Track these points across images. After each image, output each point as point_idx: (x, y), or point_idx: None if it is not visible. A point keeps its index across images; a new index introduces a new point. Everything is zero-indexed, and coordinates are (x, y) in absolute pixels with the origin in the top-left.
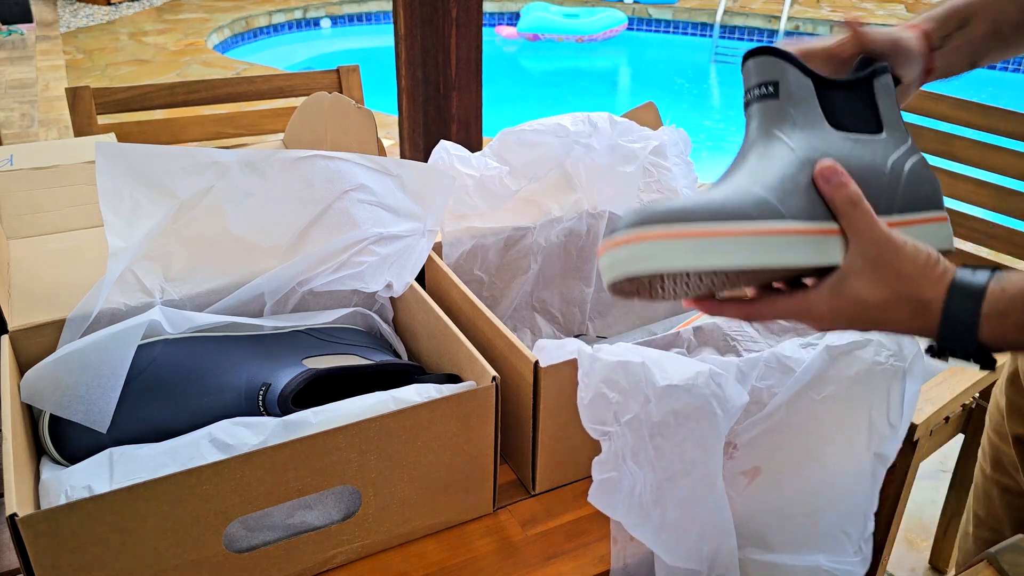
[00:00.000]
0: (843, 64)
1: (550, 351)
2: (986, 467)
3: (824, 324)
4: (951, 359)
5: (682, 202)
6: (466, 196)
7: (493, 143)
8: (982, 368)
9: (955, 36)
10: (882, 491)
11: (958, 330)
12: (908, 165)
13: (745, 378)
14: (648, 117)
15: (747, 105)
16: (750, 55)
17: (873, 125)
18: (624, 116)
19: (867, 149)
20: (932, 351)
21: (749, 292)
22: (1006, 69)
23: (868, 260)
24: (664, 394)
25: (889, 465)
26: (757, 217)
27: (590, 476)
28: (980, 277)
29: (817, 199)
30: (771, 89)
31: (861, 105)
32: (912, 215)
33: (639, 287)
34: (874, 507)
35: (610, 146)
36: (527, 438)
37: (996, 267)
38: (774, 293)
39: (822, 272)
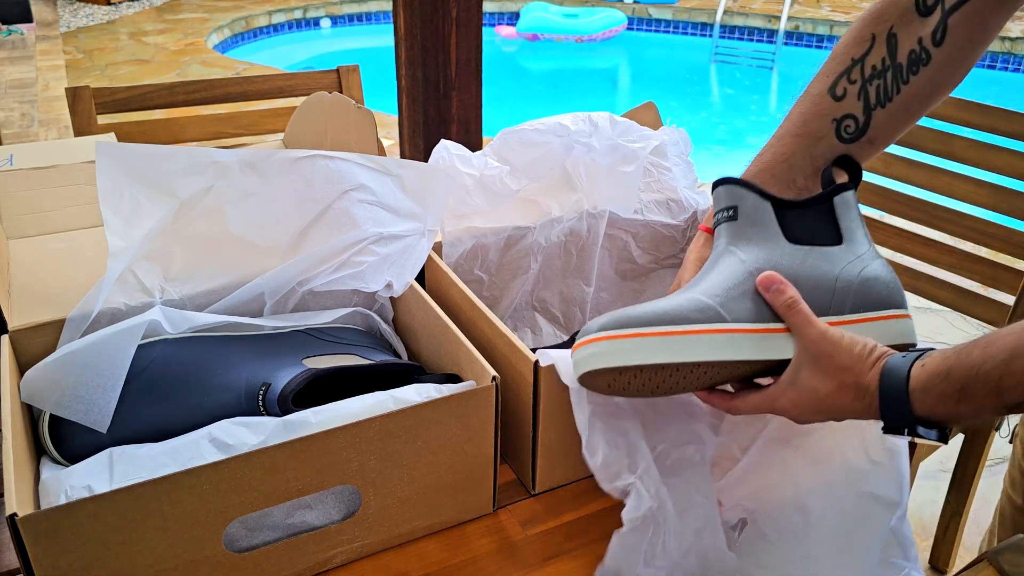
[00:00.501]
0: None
1: (551, 357)
2: (1017, 499)
3: (792, 415)
4: (906, 434)
5: (641, 310)
6: (466, 196)
7: (494, 142)
8: (938, 440)
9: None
10: None
11: (893, 408)
12: (864, 271)
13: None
14: (648, 117)
15: (715, 226)
16: (717, 184)
17: (831, 237)
18: (624, 116)
19: (820, 259)
20: (887, 430)
21: (729, 388)
22: (1006, 69)
23: (809, 355)
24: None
25: (898, 507)
26: (698, 321)
27: (590, 476)
28: (907, 360)
29: (763, 304)
30: (731, 212)
31: (821, 220)
32: (866, 314)
33: (608, 381)
34: (895, 553)
35: (611, 146)
36: (527, 438)
37: (926, 350)
38: (750, 388)
39: (781, 367)
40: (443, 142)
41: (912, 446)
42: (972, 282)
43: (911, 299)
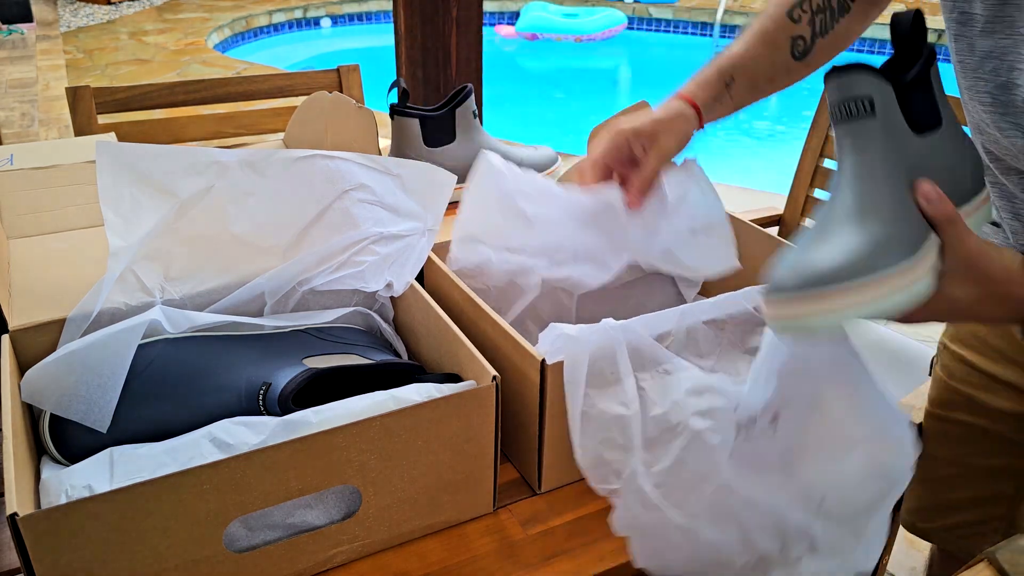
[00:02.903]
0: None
1: (567, 334)
2: (951, 414)
3: (917, 319)
4: None
5: (831, 259)
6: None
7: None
8: None
9: (722, 95)
10: None
11: None
12: (964, 150)
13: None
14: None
15: (838, 123)
16: (841, 70)
17: (935, 118)
18: (617, 115)
19: (939, 149)
20: None
21: None
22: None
23: (961, 266)
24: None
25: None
26: (892, 264)
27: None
28: None
29: (917, 214)
30: (868, 106)
31: (925, 100)
32: (974, 201)
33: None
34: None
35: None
36: (533, 437)
37: None
38: None
39: None
40: (486, 154)
41: None
42: None
43: None
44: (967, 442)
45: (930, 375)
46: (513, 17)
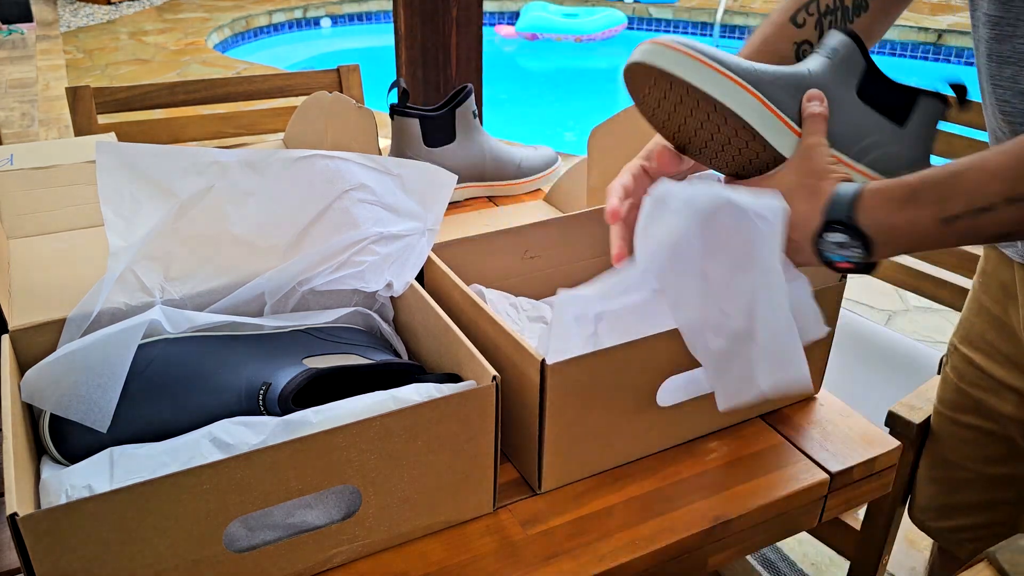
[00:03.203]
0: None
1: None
2: (960, 417)
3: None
4: (841, 236)
5: (714, 50)
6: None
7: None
8: (861, 264)
9: None
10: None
11: (838, 204)
12: (899, 156)
13: None
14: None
15: (810, 55)
16: (838, 32)
17: (896, 118)
18: (617, 115)
19: (870, 120)
20: (824, 229)
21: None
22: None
23: (797, 155)
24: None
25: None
26: (748, 81)
27: (594, 475)
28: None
29: (797, 110)
30: (831, 52)
31: (894, 101)
32: (862, 165)
33: (649, 84)
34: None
35: None
36: (533, 437)
37: None
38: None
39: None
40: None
41: (913, 445)
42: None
43: (911, 298)
44: (975, 445)
45: (939, 374)
46: (513, 17)
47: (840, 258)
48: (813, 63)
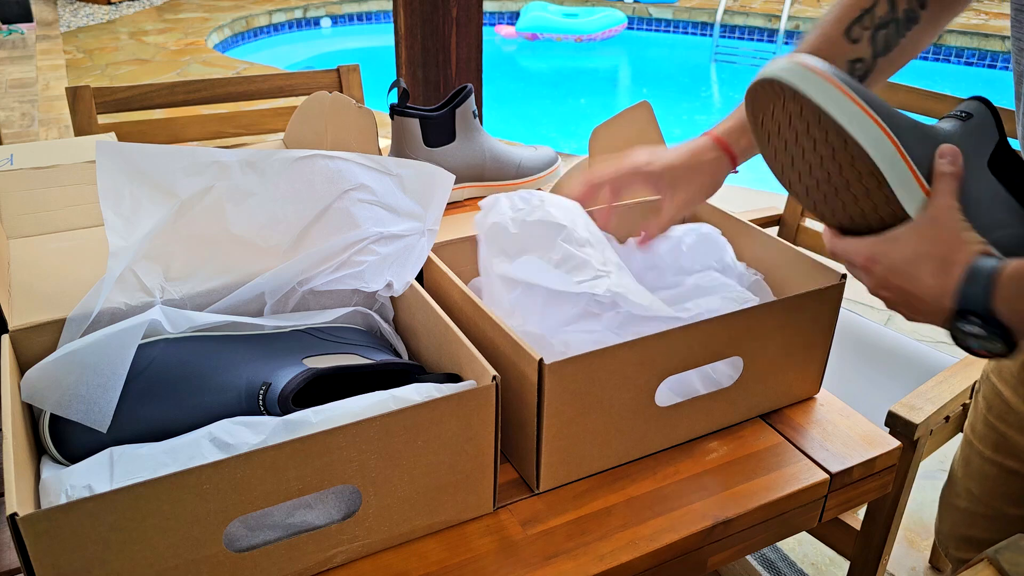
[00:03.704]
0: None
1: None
2: (984, 449)
3: (875, 273)
4: (974, 327)
5: (857, 83)
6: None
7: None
8: (1003, 348)
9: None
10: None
11: (973, 287)
12: (1006, 234)
13: None
14: (642, 117)
15: (945, 117)
16: (970, 99)
17: (1009, 178)
18: (618, 116)
19: (1001, 203)
20: (957, 316)
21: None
22: (1007, 68)
23: (925, 218)
24: None
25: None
26: (884, 119)
27: (593, 475)
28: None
29: (928, 167)
30: (965, 115)
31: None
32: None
33: (769, 98)
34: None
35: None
36: (531, 437)
37: None
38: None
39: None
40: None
41: (913, 445)
42: None
43: None
44: (996, 481)
45: (970, 398)
46: (513, 17)
47: (978, 346)
48: (945, 122)
